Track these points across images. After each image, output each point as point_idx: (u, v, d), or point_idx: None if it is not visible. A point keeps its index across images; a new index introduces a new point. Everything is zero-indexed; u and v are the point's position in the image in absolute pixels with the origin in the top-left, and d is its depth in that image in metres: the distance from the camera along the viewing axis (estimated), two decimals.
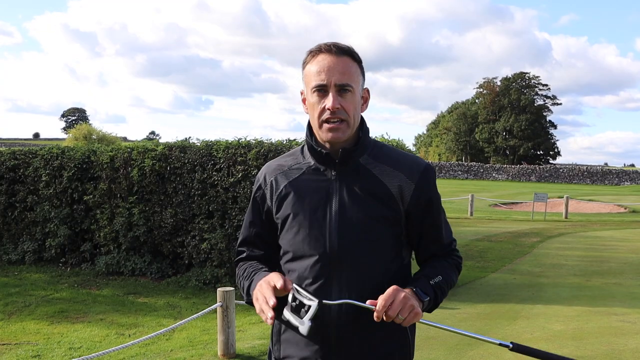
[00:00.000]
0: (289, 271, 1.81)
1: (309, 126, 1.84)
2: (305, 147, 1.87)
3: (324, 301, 1.64)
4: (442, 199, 1.94)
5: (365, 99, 1.86)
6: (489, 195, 31.29)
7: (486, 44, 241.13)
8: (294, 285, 1.65)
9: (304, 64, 1.81)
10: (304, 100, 1.85)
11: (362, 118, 1.84)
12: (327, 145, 1.80)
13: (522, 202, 28.24)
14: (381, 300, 1.59)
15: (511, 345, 1.70)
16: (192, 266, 8.80)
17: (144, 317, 7.15)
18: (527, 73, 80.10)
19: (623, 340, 6.12)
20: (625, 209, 26.05)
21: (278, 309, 1.62)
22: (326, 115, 1.73)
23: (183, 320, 5.60)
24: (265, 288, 1.65)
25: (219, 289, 5.58)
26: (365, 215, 1.74)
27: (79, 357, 5.01)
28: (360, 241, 1.68)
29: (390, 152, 1.85)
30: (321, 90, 1.74)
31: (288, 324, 1.66)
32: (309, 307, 1.60)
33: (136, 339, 5.54)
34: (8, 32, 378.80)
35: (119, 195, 9.17)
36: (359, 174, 1.79)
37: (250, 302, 1.79)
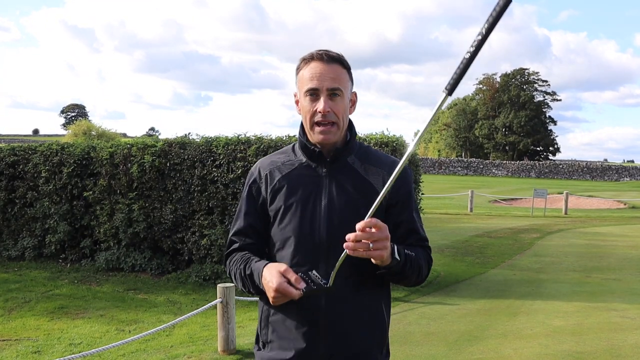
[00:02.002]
0: (278, 257, 1.93)
1: (302, 126, 1.99)
2: (297, 145, 2.02)
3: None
4: (441, 195, 2.00)
5: (353, 102, 2.01)
6: (489, 191, 31.30)
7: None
8: (301, 274, 1.76)
9: (298, 69, 1.96)
10: (297, 102, 1.99)
11: (350, 121, 2.00)
12: (319, 145, 1.95)
13: (521, 198, 28.25)
14: (373, 220, 1.67)
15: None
16: (192, 262, 8.80)
17: (144, 313, 7.16)
18: (526, 69, 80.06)
19: (622, 335, 6.13)
20: (625, 204, 26.06)
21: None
22: (318, 117, 1.89)
23: (183, 317, 5.60)
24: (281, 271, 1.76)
25: (219, 285, 5.58)
26: (351, 208, 1.88)
27: (79, 352, 5.02)
28: (347, 232, 1.73)
29: (374, 153, 2.04)
30: (313, 95, 1.89)
31: (312, 291, 1.74)
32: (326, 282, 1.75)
33: (136, 334, 5.55)
34: (6, 27, 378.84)
35: (118, 191, 9.17)
36: (346, 172, 1.95)
37: (257, 292, 1.91)
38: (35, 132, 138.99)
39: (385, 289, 2.02)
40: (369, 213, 1.68)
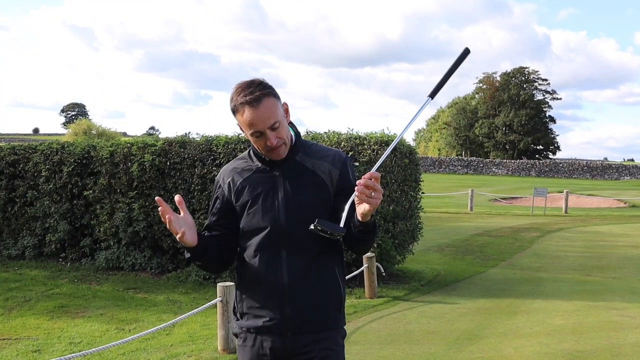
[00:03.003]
0: (248, 244, 2.30)
1: None
2: (251, 151, 2.35)
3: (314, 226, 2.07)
4: (441, 194, 2.06)
5: (287, 111, 2.30)
6: (489, 190, 31.30)
7: (485, 39, 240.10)
8: (317, 220, 2.06)
9: (234, 112, 2.23)
10: (241, 128, 2.26)
11: (292, 124, 2.33)
12: None
13: (521, 197, 28.25)
14: (376, 174, 2.00)
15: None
16: None
17: (144, 312, 7.16)
18: (526, 68, 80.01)
19: (623, 334, 6.13)
20: (625, 203, 26.06)
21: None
22: (269, 148, 2.21)
23: (183, 315, 5.60)
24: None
25: (219, 284, 5.58)
26: (304, 198, 2.24)
27: (79, 352, 5.02)
28: (301, 218, 2.17)
29: (317, 148, 2.36)
30: (259, 135, 2.19)
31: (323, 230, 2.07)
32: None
33: (136, 334, 5.54)
34: (5, 26, 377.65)
35: (118, 190, 9.17)
36: (297, 168, 2.29)
37: (189, 257, 2.27)
38: (36, 131, 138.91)
39: (339, 256, 2.36)
40: (373, 168, 2.06)
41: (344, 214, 2.10)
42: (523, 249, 12.21)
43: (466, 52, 2.36)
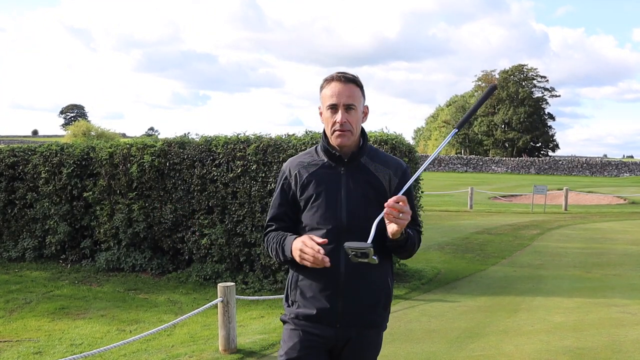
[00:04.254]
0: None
1: (324, 133, 2.48)
2: (319, 148, 2.51)
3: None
4: (441, 192, 2.07)
5: (366, 113, 2.51)
6: (489, 188, 31.30)
7: (483, 36, 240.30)
8: (345, 244, 2.16)
9: (321, 88, 2.45)
10: (320, 114, 2.48)
11: (363, 129, 2.49)
12: (337, 148, 2.45)
13: (521, 195, 28.25)
14: (403, 197, 2.18)
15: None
16: (193, 262, 8.80)
17: (144, 313, 7.16)
18: (524, 65, 79.92)
19: (623, 331, 6.14)
20: (625, 200, 26.06)
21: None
22: (337, 127, 2.38)
23: (184, 316, 5.61)
24: (310, 244, 2.24)
25: (219, 285, 5.58)
26: (365, 199, 2.40)
27: (81, 353, 5.02)
28: (361, 216, 2.35)
29: (382, 154, 2.54)
30: (333, 108, 2.39)
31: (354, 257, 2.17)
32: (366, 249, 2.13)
33: (137, 335, 5.55)
34: (2, 28, 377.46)
35: (118, 191, 9.17)
36: (360, 170, 2.45)
37: (284, 260, 2.40)
38: (35, 132, 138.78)
39: (389, 264, 2.51)
40: (400, 191, 2.26)
41: (373, 229, 2.21)
42: (523, 246, 12.22)
43: (493, 88, 2.59)
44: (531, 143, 77.75)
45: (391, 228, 2.22)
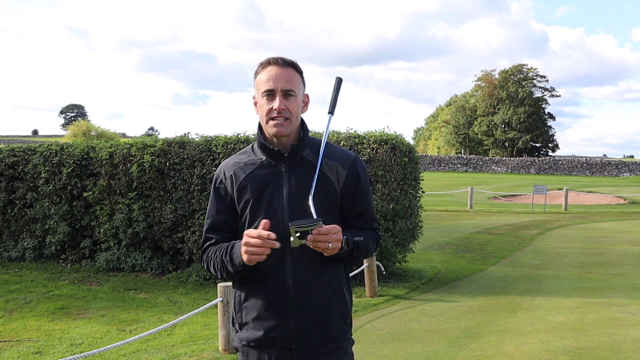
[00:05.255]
0: None
1: (260, 127, 2.22)
2: (256, 145, 2.25)
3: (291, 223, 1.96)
4: (441, 192, 2.04)
5: (306, 102, 2.26)
6: (489, 188, 31.29)
7: (483, 36, 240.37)
8: (290, 224, 1.96)
9: (256, 73, 2.21)
10: (255, 104, 2.23)
11: (302, 120, 2.24)
12: (275, 141, 2.19)
13: (521, 195, 28.23)
14: (329, 227, 1.97)
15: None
16: (193, 262, 8.80)
17: (144, 312, 7.16)
18: (524, 65, 79.88)
19: (624, 331, 6.13)
20: (625, 200, 26.04)
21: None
22: (273, 114, 2.13)
23: (184, 316, 5.60)
24: (252, 233, 2.00)
25: (219, 284, 5.58)
26: (313, 199, 2.11)
27: (81, 353, 5.02)
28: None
29: (326, 146, 2.23)
30: (270, 95, 2.14)
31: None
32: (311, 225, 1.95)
33: (137, 334, 5.55)
34: (2, 28, 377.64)
35: (118, 191, 9.17)
36: (303, 166, 2.18)
37: (234, 271, 2.11)
38: (35, 132, 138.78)
39: (344, 268, 2.26)
40: (311, 192, 2.08)
41: (311, 203, 2.06)
42: (523, 246, 12.22)
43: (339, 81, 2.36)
44: (531, 143, 77.70)
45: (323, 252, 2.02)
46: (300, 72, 2.21)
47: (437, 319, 6.63)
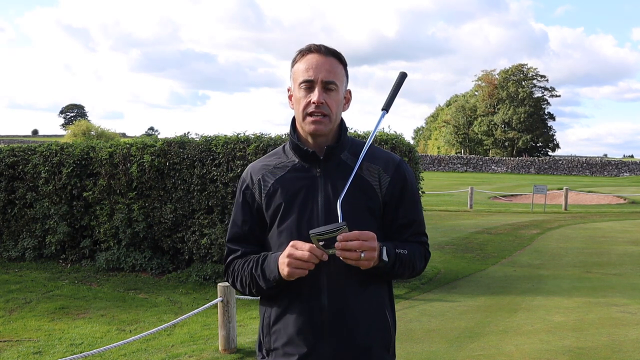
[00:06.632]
0: None
1: (293, 125, 1.97)
2: (288, 146, 1.99)
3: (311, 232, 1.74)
4: (441, 192, 2.01)
5: (348, 99, 2.00)
6: (489, 187, 31.28)
7: (482, 36, 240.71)
8: (311, 233, 1.73)
9: (294, 62, 1.94)
10: (290, 97, 1.98)
11: (342, 119, 1.98)
12: (310, 140, 1.93)
13: (521, 195, 28.23)
14: (358, 232, 1.72)
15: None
16: (193, 262, 8.80)
17: (144, 312, 7.16)
18: (524, 65, 79.89)
19: (624, 331, 6.14)
20: (625, 200, 26.04)
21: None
22: (311, 108, 1.86)
23: (184, 316, 5.60)
24: (300, 245, 1.76)
25: (219, 284, 5.58)
26: (349, 207, 1.85)
27: (81, 353, 5.02)
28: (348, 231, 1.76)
29: (368, 149, 1.96)
30: (308, 86, 1.87)
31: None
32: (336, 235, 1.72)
33: (137, 334, 5.55)
34: (1, 27, 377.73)
35: (118, 191, 9.16)
36: (341, 170, 1.91)
37: (267, 287, 1.87)
38: (35, 132, 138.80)
39: (387, 288, 2.00)
40: (341, 194, 1.83)
41: (338, 207, 1.82)
42: (523, 246, 12.21)
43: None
44: (531, 143, 77.71)
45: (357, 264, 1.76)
46: (344, 64, 1.95)
47: (437, 319, 6.63)
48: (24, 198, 10.13)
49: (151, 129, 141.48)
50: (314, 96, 1.85)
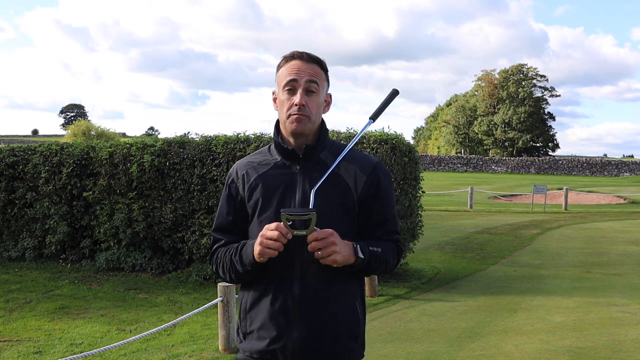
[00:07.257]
0: None
1: (277, 126, 2.15)
2: (272, 145, 2.17)
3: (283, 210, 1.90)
4: (441, 192, 2.03)
5: (328, 102, 2.17)
6: (489, 187, 31.29)
7: (482, 35, 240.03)
8: (282, 211, 1.89)
9: (279, 67, 2.11)
10: (275, 100, 2.14)
11: (323, 120, 2.15)
12: (292, 140, 2.09)
13: (521, 194, 28.23)
14: (321, 231, 1.89)
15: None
16: (193, 261, 8.80)
17: (144, 312, 7.16)
18: (524, 65, 79.89)
19: (624, 330, 6.14)
20: (625, 200, 26.05)
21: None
22: (293, 109, 2.03)
23: (184, 316, 5.60)
24: (271, 225, 1.92)
25: (219, 284, 5.58)
26: (324, 203, 1.99)
27: (81, 353, 5.02)
28: (321, 223, 1.91)
29: (348, 151, 2.11)
30: (291, 89, 2.05)
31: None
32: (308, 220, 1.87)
33: (137, 334, 5.55)
34: (1, 27, 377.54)
35: (118, 191, 9.16)
36: (319, 168, 2.06)
37: (243, 271, 2.03)
38: (35, 132, 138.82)
39: (358, 281, 2.14)
40: (316, 186, 1.97)
41: (312, 195, 1.96)
42: (523, 246, 12.22)
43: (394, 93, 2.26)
44: (531, 143, 77.71)
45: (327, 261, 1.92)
46: (325, 70, 2.12)
47: (437, 319, 6.64)
48: (24, 198, 10.13)
49: (151, 128, 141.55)
50: (296, 98, 2.02)
